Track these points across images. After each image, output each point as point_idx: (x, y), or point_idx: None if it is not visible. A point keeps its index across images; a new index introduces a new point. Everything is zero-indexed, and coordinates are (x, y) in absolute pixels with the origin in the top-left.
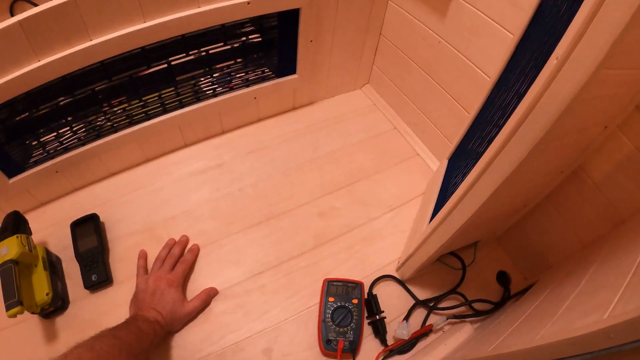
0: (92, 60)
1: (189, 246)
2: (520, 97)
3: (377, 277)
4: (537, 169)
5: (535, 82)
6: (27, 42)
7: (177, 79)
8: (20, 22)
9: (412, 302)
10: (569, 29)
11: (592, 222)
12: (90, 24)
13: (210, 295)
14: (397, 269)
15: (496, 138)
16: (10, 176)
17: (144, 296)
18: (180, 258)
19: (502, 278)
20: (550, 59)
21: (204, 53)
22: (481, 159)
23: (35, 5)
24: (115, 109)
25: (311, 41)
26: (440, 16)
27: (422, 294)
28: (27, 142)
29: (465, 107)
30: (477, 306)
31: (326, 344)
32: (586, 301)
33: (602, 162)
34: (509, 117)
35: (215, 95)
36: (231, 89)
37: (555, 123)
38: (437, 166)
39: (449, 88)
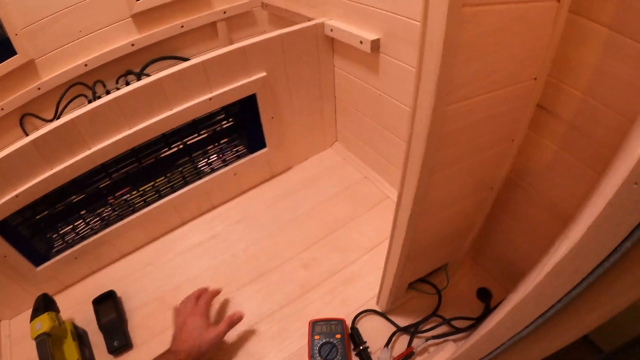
0: (94, 164)
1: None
2: None
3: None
4: (453, 185)
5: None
6: (40, 155)
7: (166, 168)
8: (32, 141)
9: (393, 329)
10: None
11: (544, 223)
12: (88, 136)
13: (233, 320)
14: (377, 303)
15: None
16: (37, 265)
17: (175, 333)
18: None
19: (483, 294)
20: None
21: (183, 145)
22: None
23: (42, 119)
24: (118, 200)
25: (272, 118)
26: (374, 73)
27: (403, 322)
28: (48, 235)
29: None
30: (458, 324)
31: None
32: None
33: (531, 167)
34: None
35: (200, 177)
36: (213, 170)
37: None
38: None
39: (397, 133)
